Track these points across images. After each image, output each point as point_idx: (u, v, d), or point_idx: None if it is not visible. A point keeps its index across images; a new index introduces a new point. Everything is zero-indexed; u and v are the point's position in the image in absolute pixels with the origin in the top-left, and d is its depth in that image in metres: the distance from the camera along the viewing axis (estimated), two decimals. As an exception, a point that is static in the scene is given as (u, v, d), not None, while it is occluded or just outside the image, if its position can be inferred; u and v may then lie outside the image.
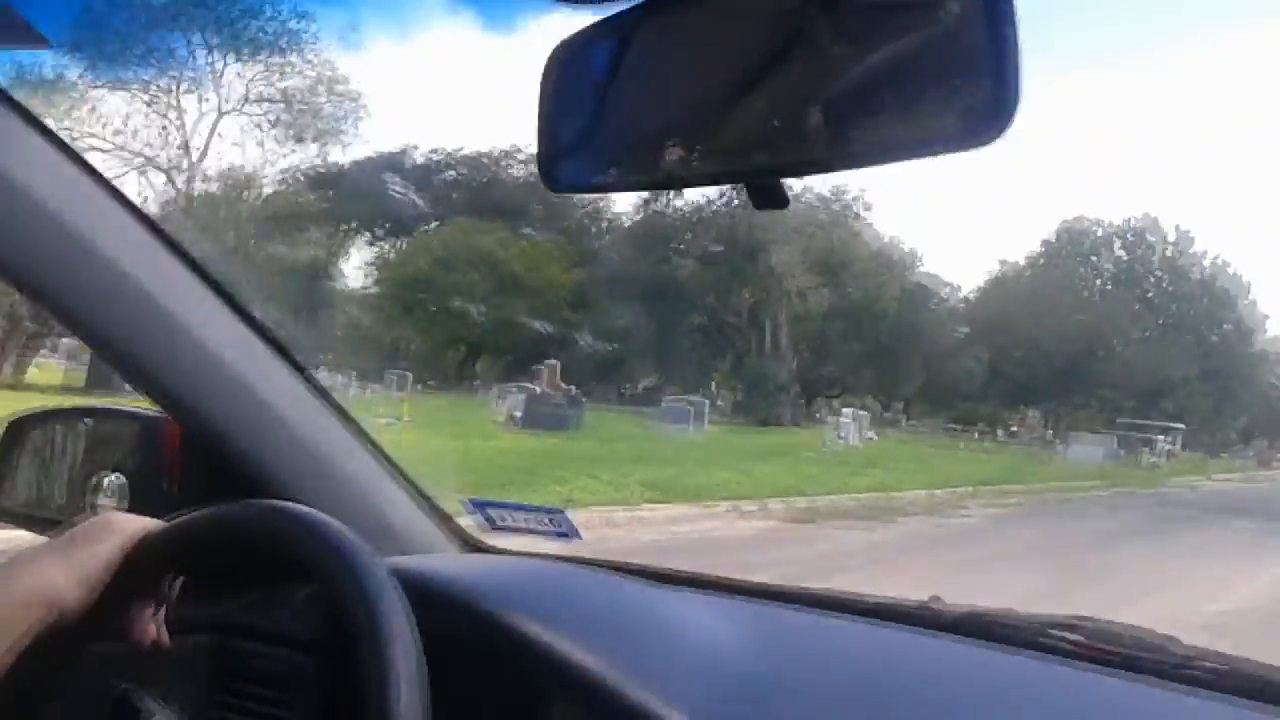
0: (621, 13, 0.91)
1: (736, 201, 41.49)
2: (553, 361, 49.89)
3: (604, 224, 50.26)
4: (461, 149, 58.21)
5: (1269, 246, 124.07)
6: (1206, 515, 18.22)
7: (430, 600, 1.13)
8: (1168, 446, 48.59)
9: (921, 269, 57.67)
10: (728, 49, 0.86)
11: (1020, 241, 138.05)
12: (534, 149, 0.96)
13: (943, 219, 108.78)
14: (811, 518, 13.14)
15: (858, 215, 41.67)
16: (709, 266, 39.93)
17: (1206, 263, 71.04)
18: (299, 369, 1.50)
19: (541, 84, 0.95)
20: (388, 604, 0.94)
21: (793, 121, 0.81)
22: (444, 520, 1.68)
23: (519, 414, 23.06)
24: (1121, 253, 71.09)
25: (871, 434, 30.76)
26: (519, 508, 2.14)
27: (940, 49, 0.73)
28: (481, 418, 24.91)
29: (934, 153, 0.78)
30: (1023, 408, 69.80)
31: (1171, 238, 71.47)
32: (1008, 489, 19.34)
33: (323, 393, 1.54)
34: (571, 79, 0.95)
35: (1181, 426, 60.42)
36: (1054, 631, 1.35)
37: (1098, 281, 69.32)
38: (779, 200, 0.85)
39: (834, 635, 1.45)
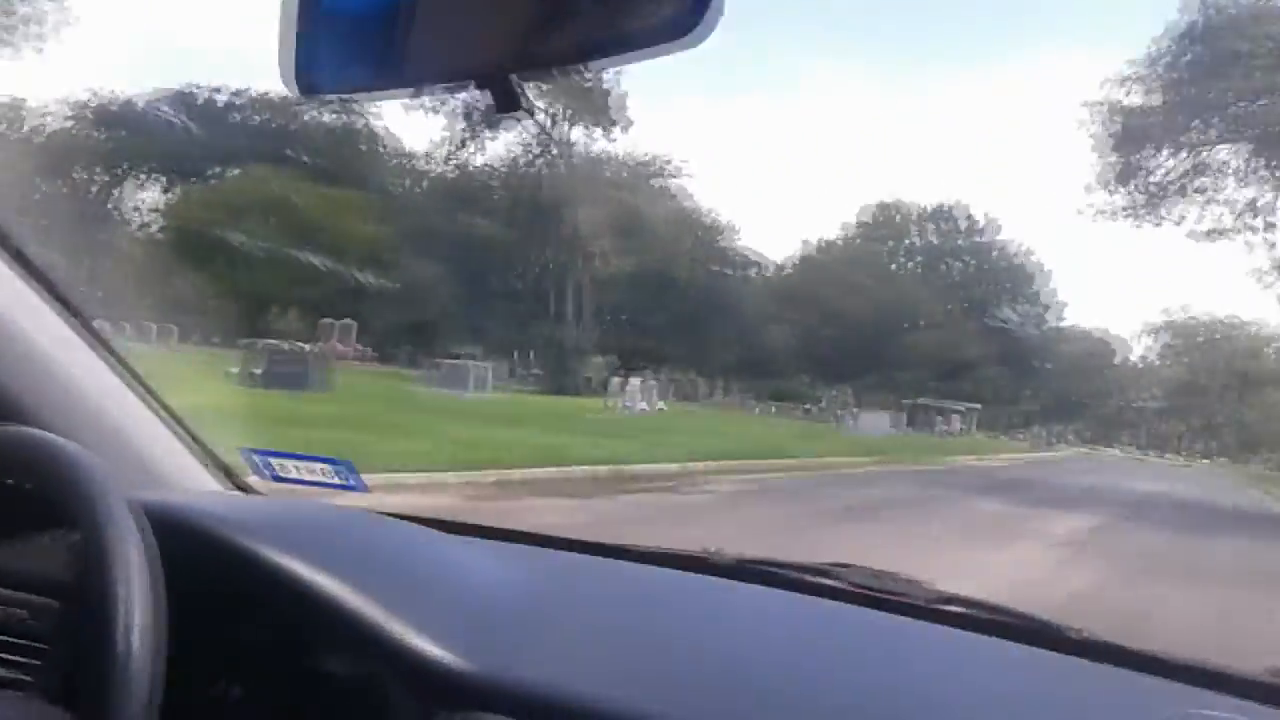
0: None
1: (541, 160, 40.05)
2: (347, 321, 47.45)
3: (408, 180, 48.02)
4: (266, 92, 55.54)
5: (1068, 234, 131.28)
6: (962, 495, 17.70)
7: (188, 538, 1.14)
8: (960, 424, 49.69)
9: (737, 241, 57.53)
10: None
11: (836, 221, 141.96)
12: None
13: (760, 194, 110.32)
14: (521, 491, 11.68)
15: (663, 176, 40.67)
16: (510, 227, 38.17)
17: (1010, 250, 73.55)
18: (67, 306, 1.46)
19: None
20: (122, 533, 0.91)
21: (529, 18, 0.82)
22: (218, 464, 1.61)
23: (258, 371, 21.08)
24: (933, 238, 72.82)
25: (662, 404, 29.70)
26: (301, 457, 1.92)
27: None
28: (225, 374, 22.58)
29: (654, 51, 0.80)
30: (837, 384, 71.08)
31: (981, 223, 73.63)
32: (779, 463, 18.45)
33: (91, 331, 1.49)
34: None
35: (977, 406, 62.41)
36: (816, 576, 1.49)
37: (909, 264, 70.85)
38: (518, 102, 0.83)
39: (612, 577, 1.52)
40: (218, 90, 53.84)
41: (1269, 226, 24.41)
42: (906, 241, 71.99)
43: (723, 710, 1.11)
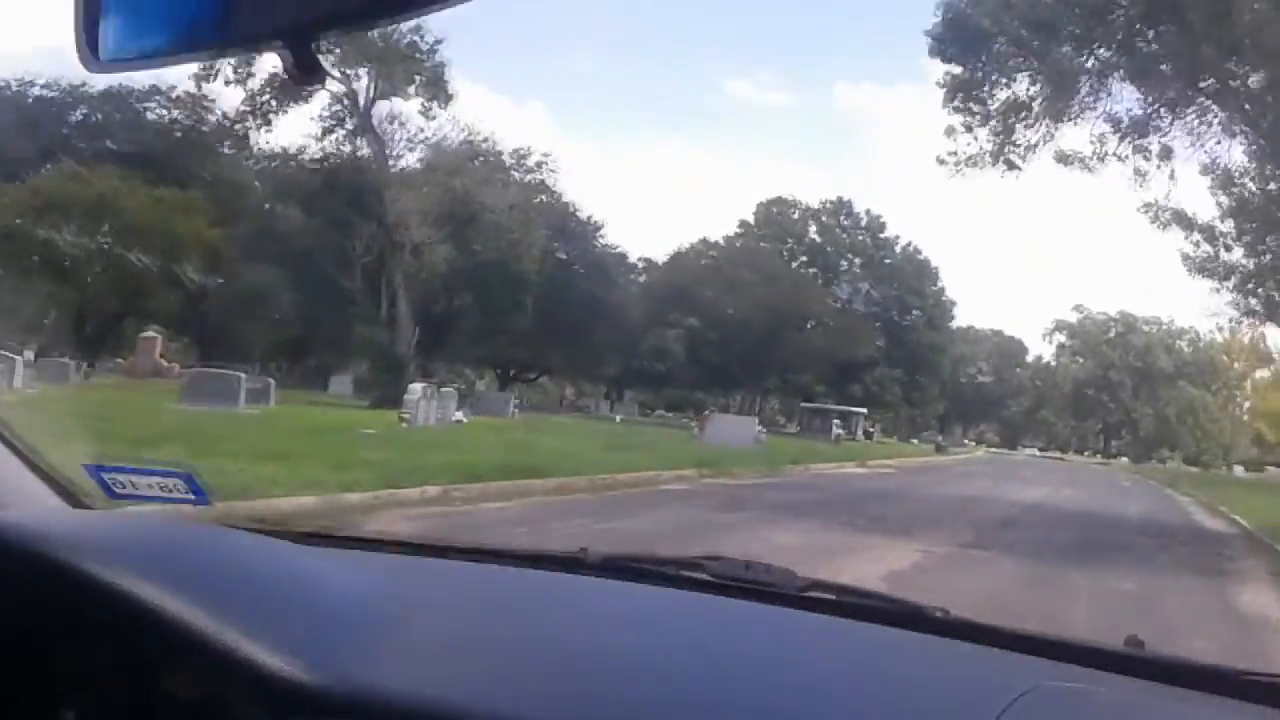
0: None
1: (351, 139, 35.13)
2: (148, 334, 42.24)
3: (219, 169, 42.90)
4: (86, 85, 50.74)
5: (956, 234, 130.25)
6: (767, 515, 13.49)
7: (15, 559, 1.10)
8: (857, 429, 45.95)
9: (603, 237, 53.16)
10: None
11: (722, 218, 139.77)
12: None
13: (632, 192, 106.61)
14: None
15: (491, 161, 35.88)
16: (324, 218, 33.22)
17: (898, 248, 70.40)
18: None
19: None
20: None
21: None
22: (53, 481, 1.49)
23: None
24: (815, 236, 69.36)
25: (460, 415, 25.08)
26: (143, 471, 1.79)
27: None
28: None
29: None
30: (732, 390, 67.26)
31: (864, 222, 70.37)
32: (564, 481, 14.22)
33: None
34: None
35: (862, 411, 58.96)
36: (687, 570, 1.49)
37: (802, 260, 67.27)
38: (320, 73, 0.79)
39: (476, 581, 1.48)
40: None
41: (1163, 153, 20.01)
42: (803, 239, 68.48)
43: (585, 707, 1.07)
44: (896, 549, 10.86)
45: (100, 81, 47.56)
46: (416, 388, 22.43)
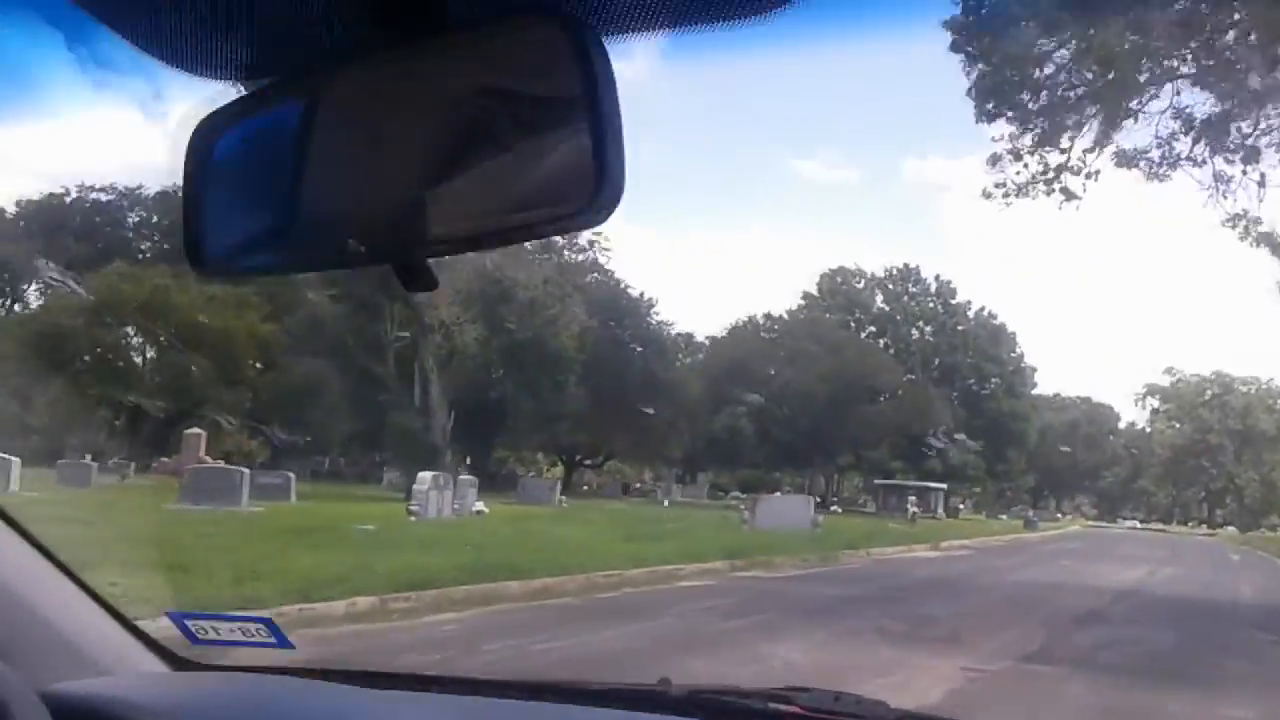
0: (262, 92, 0.90)
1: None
2: (193, 430, 41.20)
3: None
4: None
5: (1035, 301, 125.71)
6: (786, 618, 11.06)
7: None
8: (913, 509, 42.73)
9: (655, 314, 51.16)
10: (367, 134, 0.86)
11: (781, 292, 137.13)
12: None
13: (682, 265, 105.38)
14: None
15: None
16: (350, 304, 31.77)
17: (971, 314, 67.26)
18: None
19: (185, 161, 0.90)
20: None
21: (428, 207, 0.82)
22: (142, 638, 1.55)
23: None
24: (883, 305, 66.59)
25: (480, 505, 22.92)
26: (223, 618, 1.90)
27: (553, 138, 0.79)
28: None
29: (549, 233, 0.87)
30: (806, 468, 64.20)
31: (933, 288, 67.47)
32: (545, 584, 11.96)
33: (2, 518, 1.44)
34: (216, 156, 0.91)
35: (942, 487, 55.38)
36: (773, 703, 1.43)
37: (862, 335, 64.53)
38: (429, 281, 0.86)
39: None
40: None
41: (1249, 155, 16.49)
42: (869, 309, 65.81)
43: None
44: (934, 666, 8.34)
45: (155, 184, 47.82)
46: (426, 476, 20.38)
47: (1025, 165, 18.84)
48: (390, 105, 0.83)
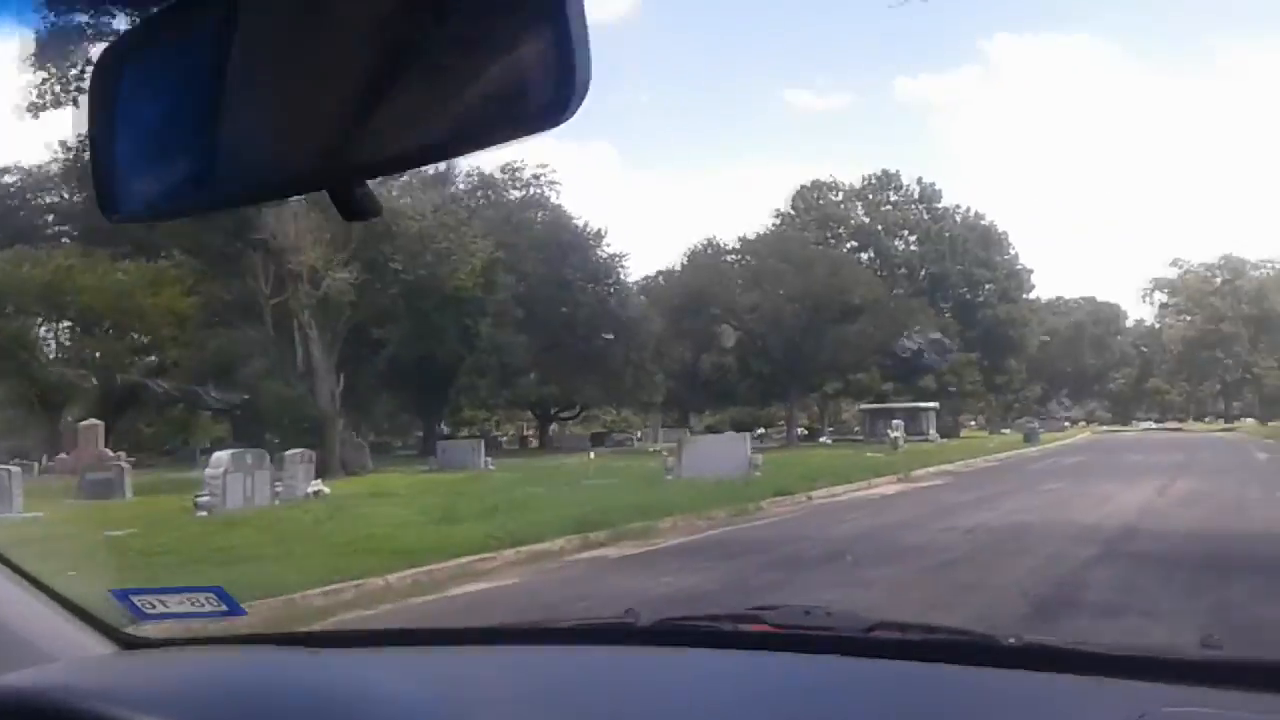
0: (167, 14, 0.81)
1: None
2: (89, 422, 36.90)
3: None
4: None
5: (1033, 202, 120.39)
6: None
7: (44, 715, 1.09)
8: (897, 434, 38.03)
9: (605, 247, 46.15)
10: (292, 42, 0.75)
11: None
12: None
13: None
14: None
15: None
16: (208, 261, 26.99)
17: (958, 218, 61.93)
18: None
19: (90, 100, 0.81)
20: None
21: (368, 121, 0.72)
22: (87, 619, 1.50)
23: None
24: (864, 218, 61.34)
25: (319, 485, 18.32)
26: (171, 591, 1.83)
27: (506, 40, 0.71)
28: None
29: (509, 138, 0.73)
30: (795, 397, 59.43)
31: (916, 193, 62.15)
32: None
33: None
34: (123, 90, 0.81)
35: (932, 406, 50.50)
36: (744, 624, 1.41)
37: (842, 249, 59.31)
38: (370, 206, 0.74)
39: (524, 667, 1.42)
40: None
41: None
42: (848, 223, 60.48)
43: None
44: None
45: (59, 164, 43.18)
46: (223, 457, 15.87)
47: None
48: (320, 6, 0.72)
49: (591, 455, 33.22)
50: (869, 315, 45.71)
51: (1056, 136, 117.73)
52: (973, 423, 69.68)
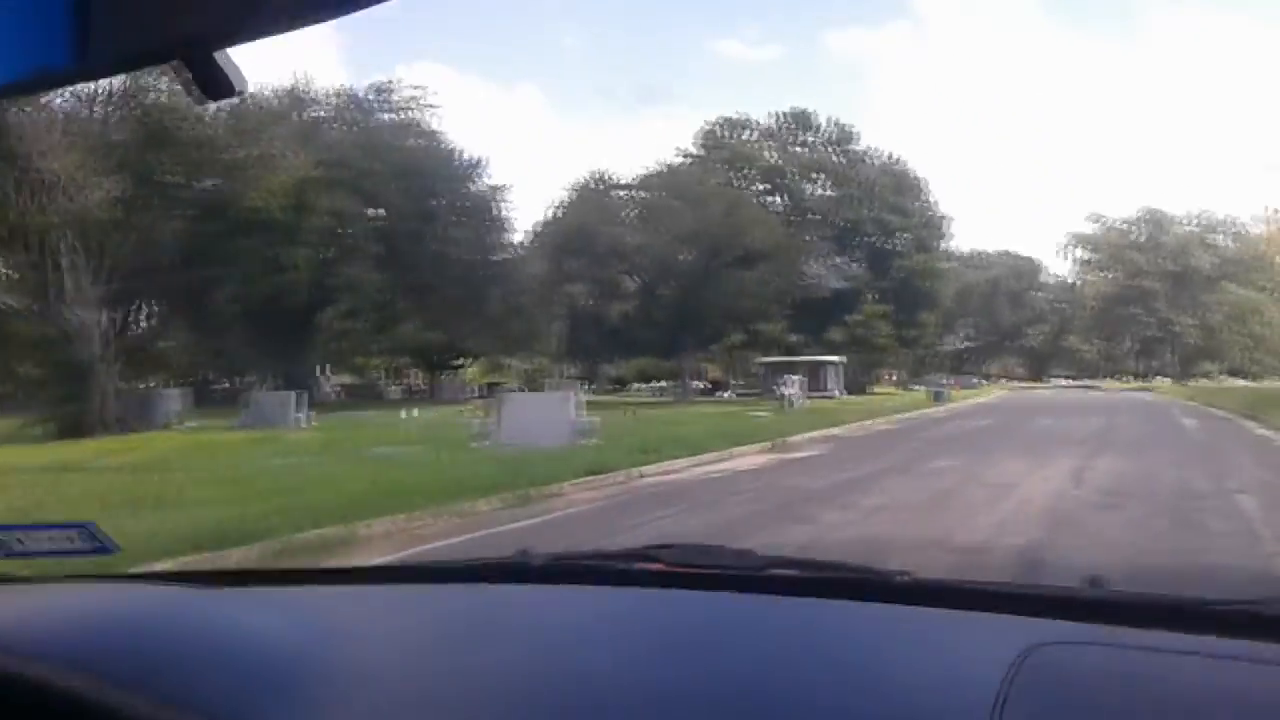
0: None
1: None
2: None
3: None
4: None
5: (956, 155, 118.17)
6: None
7: None
8: (787, 390, 34.07)
9: (478, 179, 41.18)
10: None
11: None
12: None
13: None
14: None
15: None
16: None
17: (876, 161, 57.98)
18: None
19: None
20: None
21: None
22: None
23: None
24: (775, 159, 57.07)
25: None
26: (38, 528, 1.73)
27: None
28: None
29: None
30: (699, 350, 55.42)
31: (831, 135, 58.03)
32: None
33: None
34: None
35: (836, 360, 46.70)
36: (640, 563, 1.39)
37: (757, 185, 55.07)
38: (233, 82, 0.64)
39: (417, 604, 1.38)
40: None
41: None
42: (756, 163, 56.06)
43: None
44: None
45: None
46: None
47: None
48: None
49: (468, 408, 28.79)
50: (770, 260, 41.51)
51: (981, 91, 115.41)
52: (891, 378, 66.48)
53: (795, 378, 36.74)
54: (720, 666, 1.08)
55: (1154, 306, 70.62)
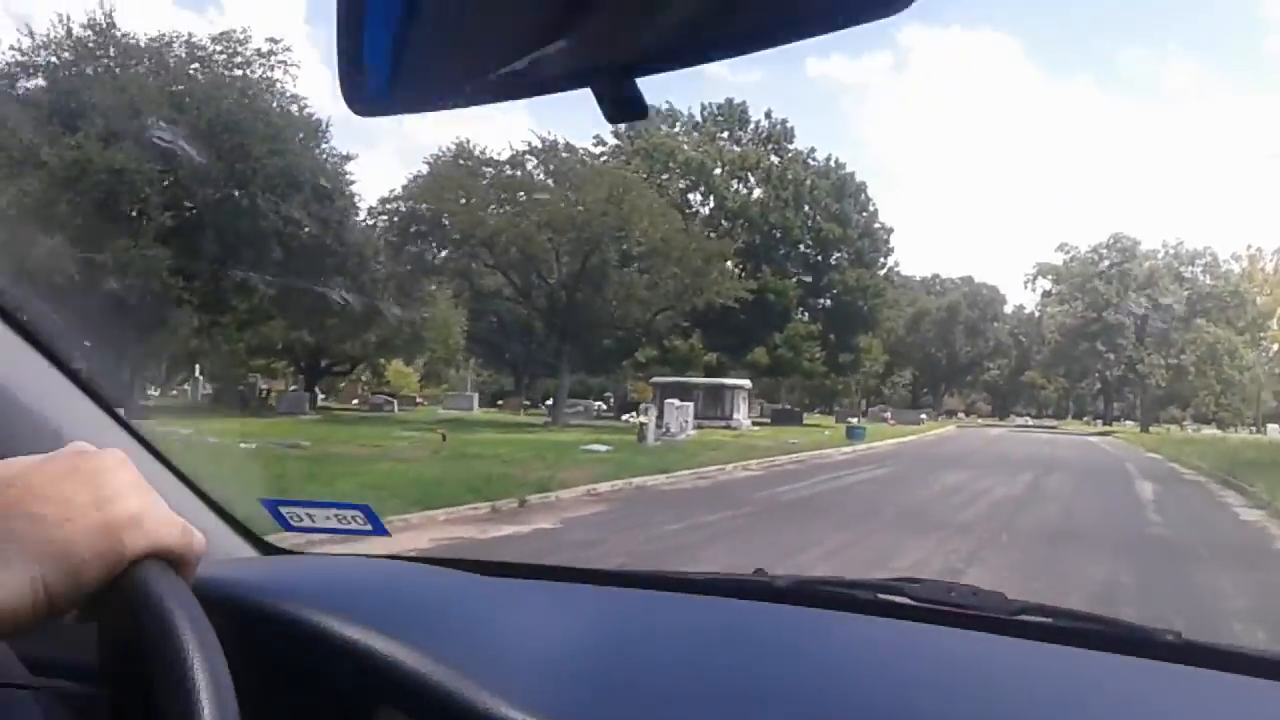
0: None
1: None
2: None
3: None
4: None
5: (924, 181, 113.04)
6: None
7: (230, 609, 1.06)
8: (642, 419, 26.99)
9: (324, 144, 33.99)
10: None
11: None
12: None
13: None
14: None
15: None
16: None
17: (813, 162, 51.24)
18: (79, 383, 1.34)
19: None
20: (181, 616, 0.74)
21: (643, 8, 0.60)
22: (237, 525, 1.51)
23: None
24: (698, 154, 50.22)
25: None
26: (318, 505, 1.80)
27: None
28: None
29: (838, 26, 0.56)
30: (598, 368, 48.53)
31: (765, 131, 51.24)
32: None
33: (101, 403, 1.35)
34: None
35: (741, 384, 39.63)
36: (883, 594, 1.34)
37: (679, 183, 48.19)
38: (638, 108, 0.63)
39: (663, 611, 1.39)
40: None
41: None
42: (677, 159, 49.11)
43: None
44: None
45: None
46: None
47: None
48: None
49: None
50: (663, 258, 34.41)
51: (956, 119, 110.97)
52: (833, 410, 59.85)
53: (678, 404, 29.66)
54: (960, 702, 1.05)
55: (1118, 343, 64.01)
